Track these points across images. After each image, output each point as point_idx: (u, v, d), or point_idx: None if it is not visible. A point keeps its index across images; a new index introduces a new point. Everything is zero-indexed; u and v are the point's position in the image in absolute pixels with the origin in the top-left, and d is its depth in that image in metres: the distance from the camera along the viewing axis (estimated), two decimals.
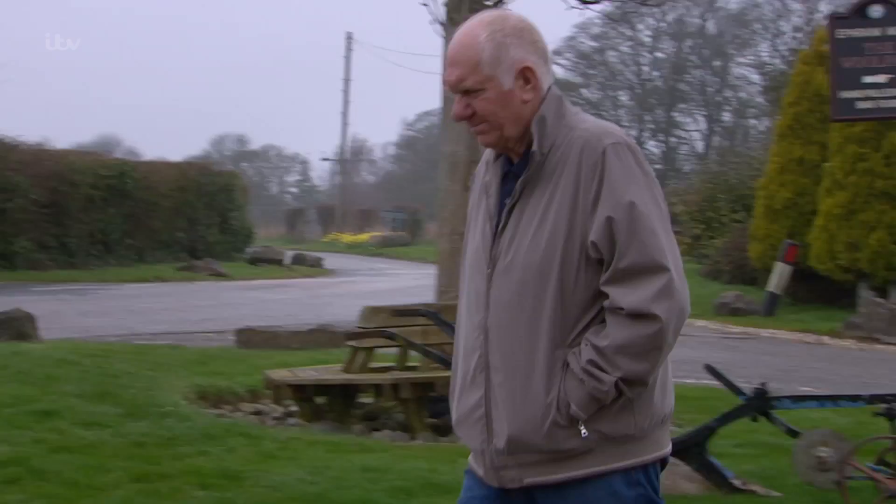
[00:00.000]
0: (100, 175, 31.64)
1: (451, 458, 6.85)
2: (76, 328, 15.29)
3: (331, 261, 38.47)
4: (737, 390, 6.62)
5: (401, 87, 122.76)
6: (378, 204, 64.66)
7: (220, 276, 30.83)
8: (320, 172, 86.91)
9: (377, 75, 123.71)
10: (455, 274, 7.39)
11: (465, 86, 2.79)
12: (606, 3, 13.11)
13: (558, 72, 67.38)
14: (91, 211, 31.25)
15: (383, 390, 8.55)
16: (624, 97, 67.25)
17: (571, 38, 64.67)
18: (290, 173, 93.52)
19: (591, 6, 11.60)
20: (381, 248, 49.09)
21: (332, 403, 8.96)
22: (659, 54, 66.08)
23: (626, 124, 66.93)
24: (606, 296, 2.68)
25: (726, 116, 66.16)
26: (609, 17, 37.90)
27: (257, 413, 9.17)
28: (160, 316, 18.27)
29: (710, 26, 64.68)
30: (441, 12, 10.74)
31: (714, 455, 6.62)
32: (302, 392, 8.87)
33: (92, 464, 6.39)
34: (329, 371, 9.17)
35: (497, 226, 2.82)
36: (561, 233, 2.71)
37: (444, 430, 8.45)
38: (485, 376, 2.80)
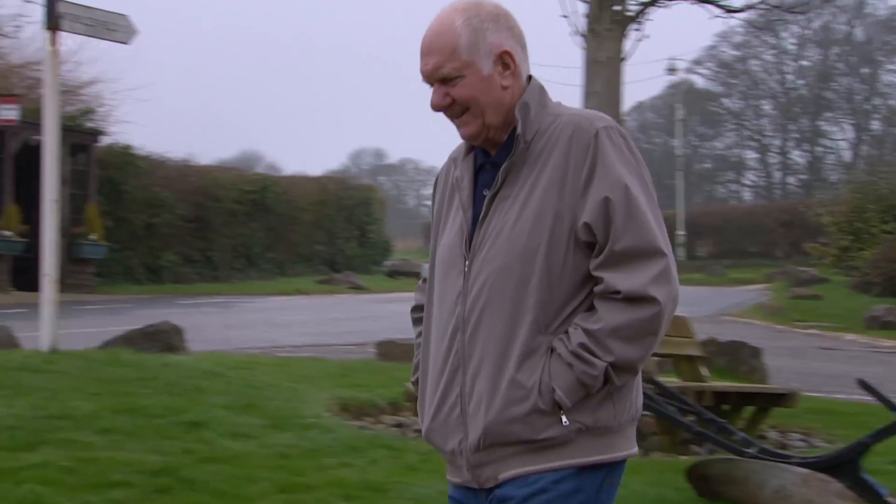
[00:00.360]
0: (242, 190, 32.44)
1: None
2: (220, 340, 15.62)
3: None
4: (891, 406, 6.35)
5: None
6: None
7: (358, 288, 31.24)
8: None
9: None
10: None
11: (442, 73, 2.71)
12: (750, 12, 12.81)
13: (698, 81, 66.29)
14: (234, 225, 32.06)
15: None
16: (767, 106, 65.81)
17: (712, 48, 63.69)
18: (427, 186, 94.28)
19: (735, 15, 11.34)
20: None
21: None
22: (804, 62, 64.49)
23: (770, 134, 65.39)
24: (595, 281, 2.61)
25: (875, 125, 64.09)
26: (752, 26, 37.09)
27: (398, 426, 9.16)
28: (301, 328, 18.55)
29: (858, 33, 62.76)
30: (582, 24, 10.62)
31: (868, 472, 6.36)
32: None
33: (239, 474, 6.46)
34: None
35: (476, 216, 2.72)
36: (548, 214, 2.62)
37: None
38: (461, 374, 2.68)
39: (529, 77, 2.79)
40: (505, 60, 2.73)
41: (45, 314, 10.60)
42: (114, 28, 10.88)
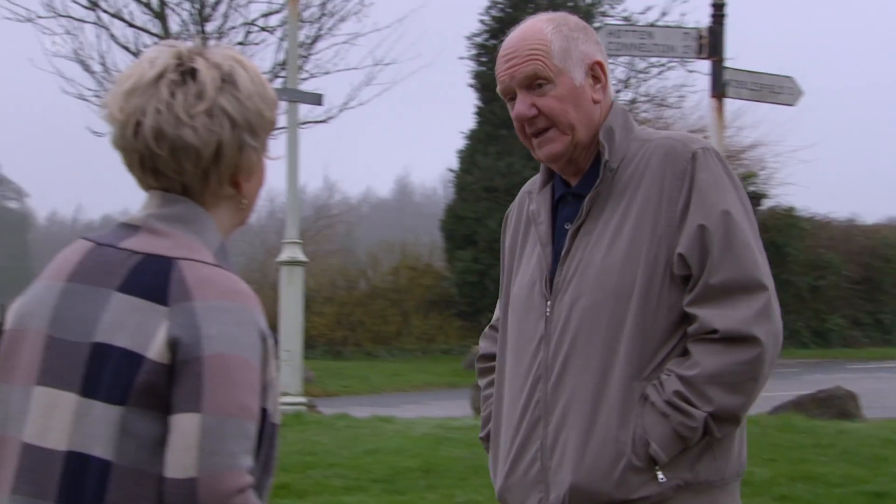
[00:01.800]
0: None
1: None
2: None
3: None
4: None
5: None
6: None
7: None
8: None
9: None
10: None
11: (530, 73, 2.41)
12: None
13: None
14: None
15: None
16: None
17: None
18: None
19: None
20: None
21: None
22: None
23: None
24: (690, 320, 2.32)
25: None
26: None
27: None
28: None
29: None
30: None
31: None
32: None
33: None
34: None
35: (557, 253, 2.45)
36: (641, 248, 2.35)
37: None
38: (542, 426, 2.41)
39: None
40: (596, 72, 2.43)
41: None
42: (779, 91, 10.84)
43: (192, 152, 1.80)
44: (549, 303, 2.45)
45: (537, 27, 2.47)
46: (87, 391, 1.74)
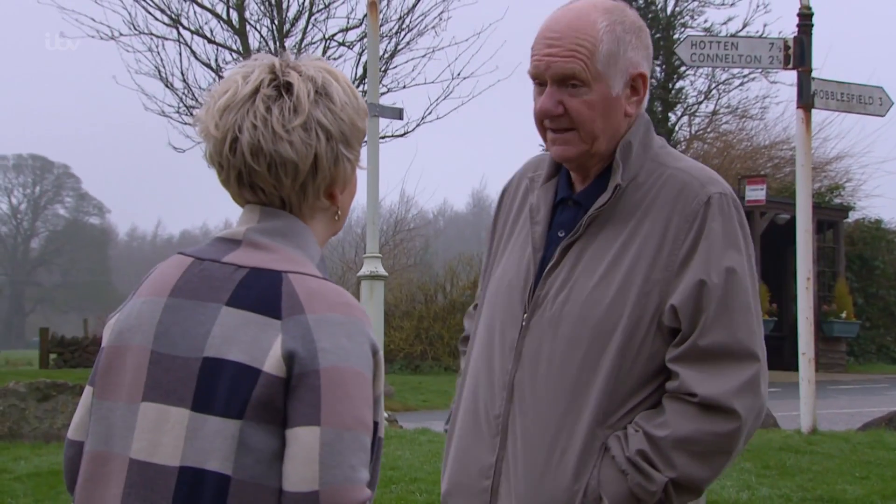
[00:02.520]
0: None
1: None
2: None
3: None
4: None
5: None
6: None
7: None
8: None
9: None
10: None
11: (568, 71, 2.18)
12: None
13: None
14: None
15: None
16: None
17: None
18: None
19: None
20: None
21: None
22: None
23: None
24: (669, 375, 2.19)
25: None
26: None
27: None
28: None
29: None
30: None
31: None
32: None
33: None
34: None
35: (544, 261, 2.30)
36: (634, 288, 2.20)
37: None
38: (500, 442, 2.28)
39: None
40: (637, 84, 2.25)
41: (803, 394, 10.47)
42: (869, 102, 10.60)
43: (290, 167, 1.80)
44: (525, 315, 2.30)
45: (591, 18, 2.25)
46: (200, 406, 1.74)
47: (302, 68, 1.85)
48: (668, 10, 27.87)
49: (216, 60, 18.79)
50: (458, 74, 19.97)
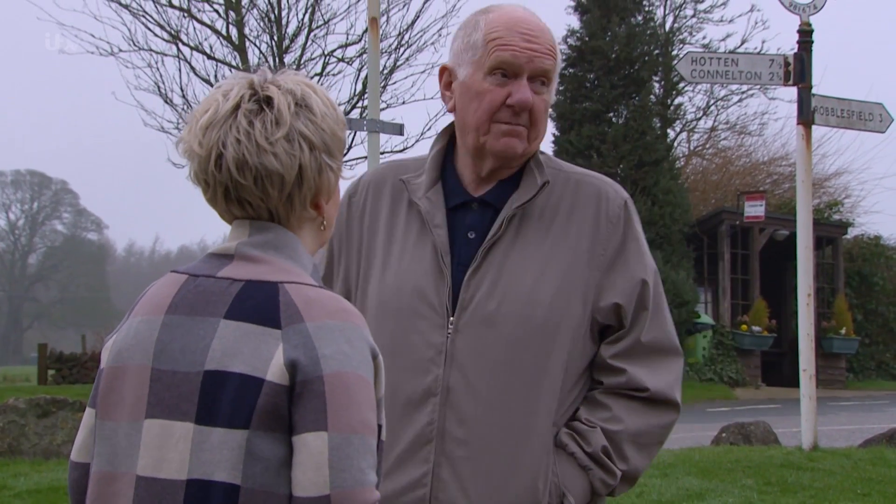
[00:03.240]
0: None
1: None
2: None
3: None
4: None
5: None
6: None
7: None
8: None
9: None
10: None
11: (549, 67, 2.28)
12: None
13: None
14: None
15: None
16: None
17: None
18: None
19: None
20: None
21: None
22: None
23: None
24: (597, 370, 2.27)
25: None
26: None
27: None
28: None
29: None
30: None
31: None
32: None
33: None
34: None
35: (457, 264, 2.28)
36: (576, 289, 2.25)
37: None
38: (434, 449, 2.22)
39: None
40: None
41: (804, 410, 10.45)
42: (869, 118, 10.61)
43: (276, 178, 1.82)
44: (451, 318, 2.26)
45: (547, 28, 2.34)
46: (203, 419, 1.75)
47: (280, 82, 1.88)
48: (667, 26, 27.96)
49: (216, 76, 18.81)
50: None
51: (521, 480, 2.21)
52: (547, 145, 27.61)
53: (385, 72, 18.34)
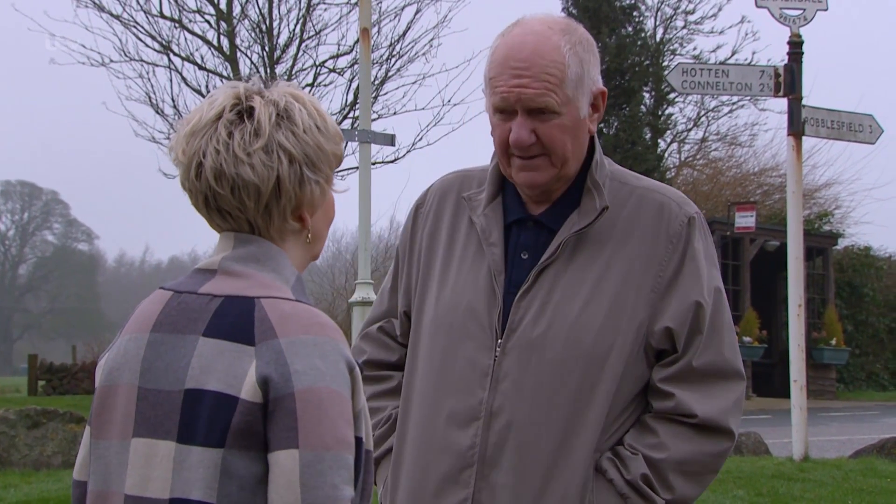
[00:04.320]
0: None
1: None
2: None
3: None
4: None
5: None
6: None
7: None
8: None
9: None
10: None
11: (541, 103, 2.14)
12: None
13: None
14: None
15: None
16: None
17: None
18: None
19: None
20: None
21: None
22: None
23: None
24: (656, 394, 2.18)
25: None
26: None
27: None
28: None
29: None
30: None
31: None
32: None
33: None
34: None
35: (510, 284, 2.23)
36: (625, 310, 2.17)
37: None
38: (475, 474, 2.18)
39: None
40: (597, 102, 2.23)
41: (795, 421, 10.46)
42: (859, 129, 10.64)
43: (252, 189, 1.82)
44: (499, 340, 2.22)
45: (553, 42, 2.18)
46: (184, 438, 1.76)
47: (266, 93, 1.88)
48: (658, 37, 28.03)
49: (207, 87, 18.78)
50: (449, 101, 20.03)
51: None
52: None
53: (376, 82, 18.33)
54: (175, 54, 18.71)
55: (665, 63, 27.08)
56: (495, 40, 2.28)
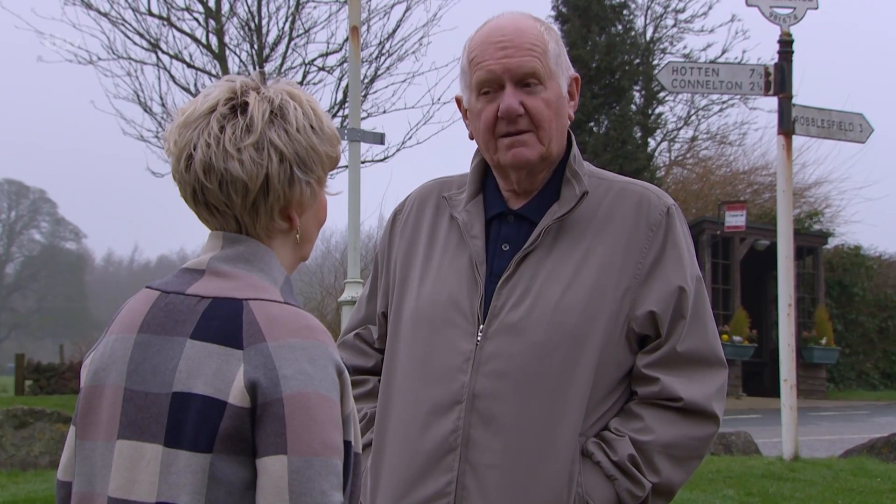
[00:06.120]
0: None
1: None
2: None
3: None
4: None
5: None
6: None
7: None
8: None
9: None
10: None
11: (528, 70, 2.22)
12: None
13: None
14: None
15: None
16: None
17: None
18: None
19: None
20: None
21: None
22: None
23: None
24: (634, 380, 2.22)
25: None
26: None
27: None
28: None
29: None
30: None
31: None
32: None
33: None
34: None
35: (492, 274, 2.26)
36: (606, 295, 2.20)
37: None
38: (458, 457, 2.19)
39: None
40: (572, 88, 2.29)
41: (785, 420, 10.44)
42: (849, 128, 10.63)
43: (240, 185, 1.80)
44: (481, 326, 2.24)
45: (530, 23, 2.29)
46: (172, 441, 1.73)
47: (262, 89, 1.86)
48: (648, 35, 28.03)
49: (195, 85, 18.72)
50: (439, 99, 19.95)
51: (545, 489, 2.18)
52: None
53: (366, 81, 18.29)
54: (163, 52, 18.64)
55: (655, 62, 27.09)
56: (469, 39, 2.36)
